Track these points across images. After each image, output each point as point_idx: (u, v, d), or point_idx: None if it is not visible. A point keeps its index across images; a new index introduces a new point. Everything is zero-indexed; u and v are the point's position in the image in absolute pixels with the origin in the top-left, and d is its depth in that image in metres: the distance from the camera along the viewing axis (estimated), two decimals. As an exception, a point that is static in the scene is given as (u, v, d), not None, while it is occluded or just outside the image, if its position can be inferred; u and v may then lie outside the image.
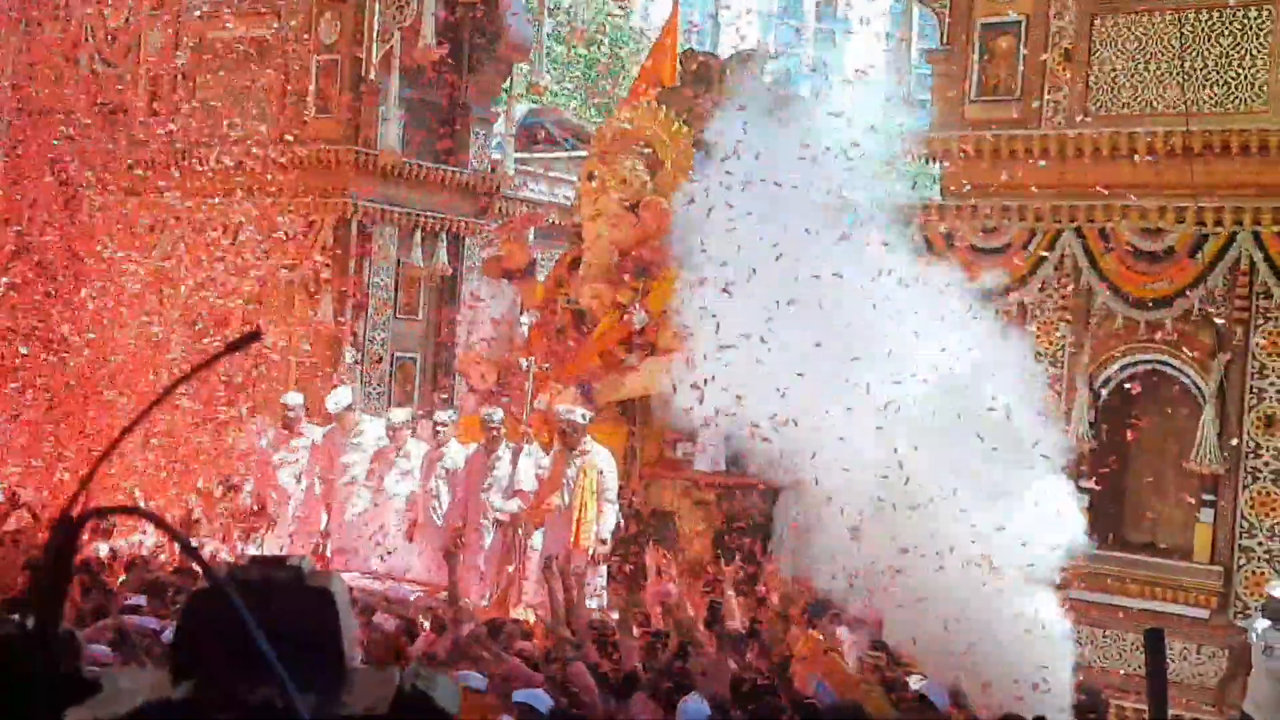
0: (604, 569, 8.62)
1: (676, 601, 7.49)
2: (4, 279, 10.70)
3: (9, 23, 11.81)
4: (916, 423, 6.60)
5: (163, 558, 8.56)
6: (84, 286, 10.12)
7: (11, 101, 11.63)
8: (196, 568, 0.91)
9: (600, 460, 8.49)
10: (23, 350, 10.09)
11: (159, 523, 0.96)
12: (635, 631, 7.31)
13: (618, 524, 8.73)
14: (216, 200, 10.98)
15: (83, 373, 9.70)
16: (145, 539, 8.89)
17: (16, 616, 0.86)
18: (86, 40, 11.63)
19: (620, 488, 8.75)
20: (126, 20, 11.57)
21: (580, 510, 8.43)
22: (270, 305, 10.41)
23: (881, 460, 6.66)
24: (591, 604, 8.14)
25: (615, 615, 8.04)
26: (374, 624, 6.83)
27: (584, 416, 8.47)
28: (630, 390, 9.26)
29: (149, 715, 0.87)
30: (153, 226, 11.36)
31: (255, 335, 1.25)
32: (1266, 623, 7.30)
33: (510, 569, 8.86)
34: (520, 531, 8.87)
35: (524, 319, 10.34)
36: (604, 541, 8.50)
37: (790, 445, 6.89)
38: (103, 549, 8.51)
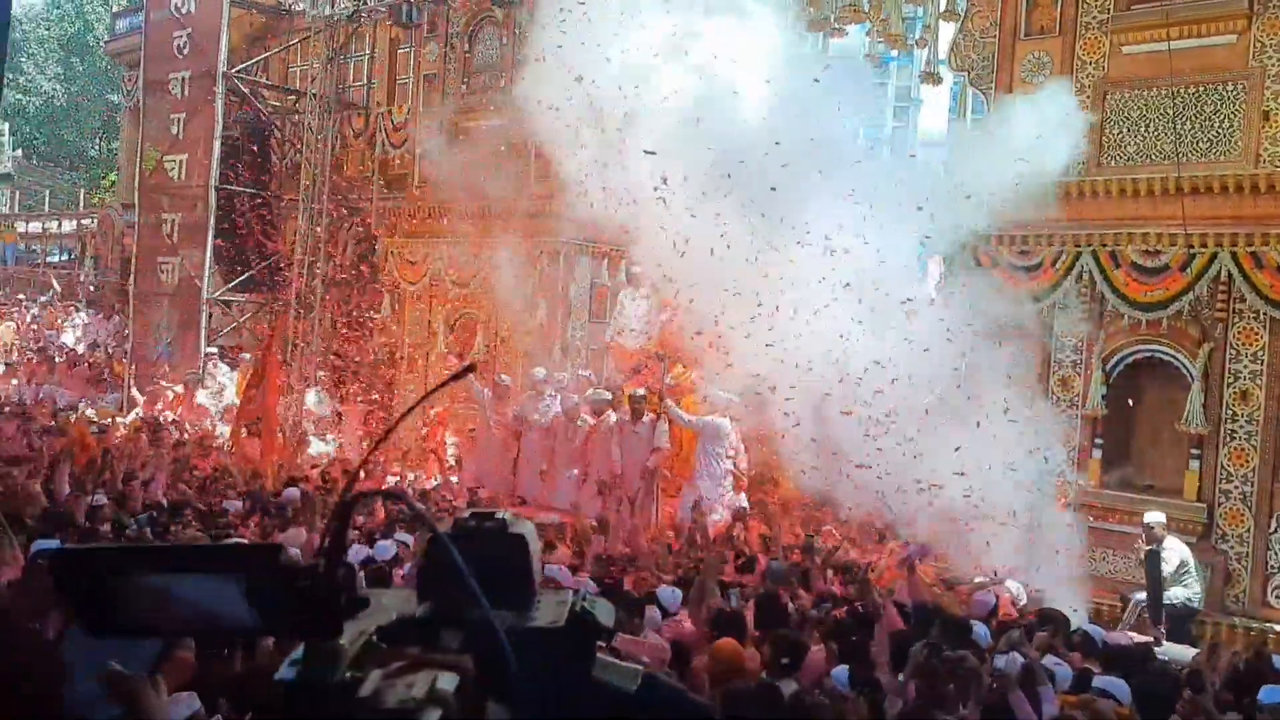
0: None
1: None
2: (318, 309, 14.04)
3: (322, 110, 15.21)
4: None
5: None
6: (374, 303, 13.50)
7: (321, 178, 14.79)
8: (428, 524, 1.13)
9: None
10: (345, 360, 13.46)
11: (411, 506, 1.12)
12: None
13: None
14: (464, 241, 13.54)
15: (373, 363, 13.15)
16: None
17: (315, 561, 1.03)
18: (379, 131, 14.54)
19: None
20: (405, 118, 14.36)
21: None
22: (507, 309, 12.97)
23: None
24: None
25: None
26: None
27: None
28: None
29: (401, 626, 1.09)
30: (424, 259, 14.12)
31: (471, 368, 1.36)
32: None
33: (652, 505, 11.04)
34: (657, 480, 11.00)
35: (660, 318, 12.29)
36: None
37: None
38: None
